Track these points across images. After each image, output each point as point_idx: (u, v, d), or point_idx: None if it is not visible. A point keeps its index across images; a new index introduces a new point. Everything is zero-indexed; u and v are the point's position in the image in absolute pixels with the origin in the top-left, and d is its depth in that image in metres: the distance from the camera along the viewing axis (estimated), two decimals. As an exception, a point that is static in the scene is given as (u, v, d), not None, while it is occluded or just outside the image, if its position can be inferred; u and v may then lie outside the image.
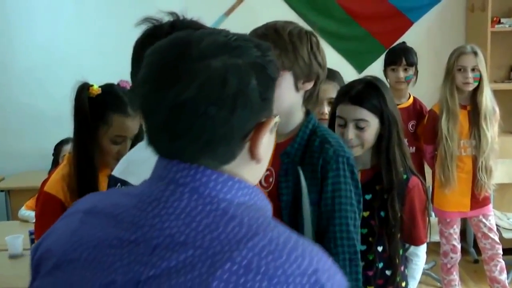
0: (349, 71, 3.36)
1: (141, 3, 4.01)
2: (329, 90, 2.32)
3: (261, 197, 0.90)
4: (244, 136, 0.85)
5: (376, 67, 3.52)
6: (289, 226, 0.86)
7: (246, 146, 0.86)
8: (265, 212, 0.88)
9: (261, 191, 0.90)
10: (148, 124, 0.87)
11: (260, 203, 0.88)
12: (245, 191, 0.86)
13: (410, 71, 3.44)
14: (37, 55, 4.41)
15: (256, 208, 0.86)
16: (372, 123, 1.97)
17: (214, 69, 0.81)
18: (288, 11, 3.60)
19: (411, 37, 3.76)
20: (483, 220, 3.40)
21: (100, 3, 4.38)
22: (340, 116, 2.00)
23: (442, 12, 4.44)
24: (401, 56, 3.43)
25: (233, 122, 0.82)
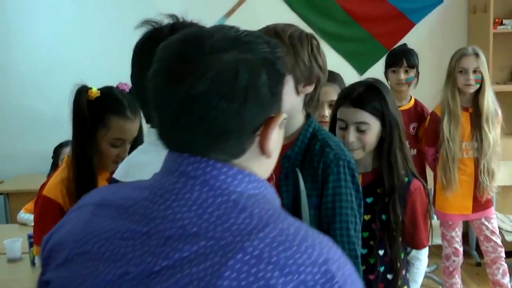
0: (350, 73, 3.35)
1: (141, 5, 4.01)
2: (330, 93, 2.31)
3: (270, 191, 0.91)
4: (255, 130, 0.86)
5: (378, 69, 3.52)
6: None
7: (256, 141, 0.87)
8: (274, 205, 0.89)
9: (270, 185, 0.91)
10: (159, 118, 0.87)
11: (270, 196, 0.89)
12: (255, 185, 0.87)
13: (411, 73, 3.43)
14: (37, 58, 4.40)
15: (266, 201, 0.87)
16: (374, 126, 1.96)
17: (226, 63, 0.82)
18: (289, 12, 3.60)
19: (413, 39, 3.77)
20: (485, 223, 3.38)
21: (100, 6, 4.37)
22: (341, 119, 1.99)
23: (444, 13, 4.44)
24: (402, 58, 3.41)
25: (244, 116, 0.83)
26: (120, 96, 1.98)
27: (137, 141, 1.99)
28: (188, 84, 0.82)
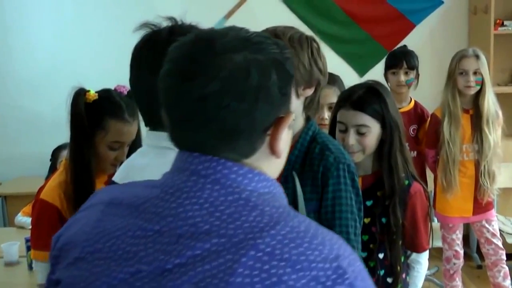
0: (351, 75, 3.34)
1: (141, 7, 4.01)
2: (330, 95, 2.31)
3: (279, 190, 0.92)
4: (265, 130, 0.87)
5: (378, 70, 3.50)
6: None
7: (266, 141, 0.88)
8: (283, 203, 0.90)
9: (279, 184, 0.92)
10: (170, 117, 0.89)
11: (279, 195, 0.91)
12: (265, 183, 0.88)
13: (411, 75, 3.41)
14: (35, 60, 4.39)
15: (275, 199, 0.88)
16: (374, 129, 1.95)
17: (237, 63, 0.84)
18: (289, 14, 3.59)
19: (413, 40, 3.75)
20: (486, 225, 3.37)
21: (99, 8, 4.36)
22: (341, 122, 1.99)
23: (445, 15, 4.42)
24: (402, 60, 3.40)
25: (255, 115, 0.84)
26: (118, 99, 1.96)
27: (136, 144, 1.98)
28: (201, 84, 0.83)
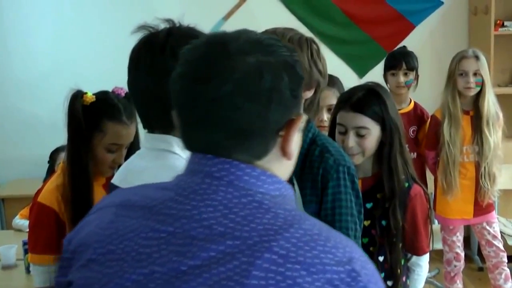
0: (350, 76, 3.32)
1: (140, 9, 4.00)
2: (329, 97, 2.30)
3: (290, 192, 0.92)
4: (278, 131, 0.88)
5: (377, 72, 3.49)
6: None
7: (278, 142, 0.89)
8: (294, 206, 0.91)
9: (290, 186, 0.93)
10: (183, 119, 0.90)
11: (290, 198, 0.92)
12: (277, 186, 0.89)
13: (411, 76, 3.40)
14: (34, 62, 4.38)
15: (287, 202, 0.89)
16: (373, 131, 1.95)
17: (250, 65, 0.85)
18: (288, 15, 3.57)
19: (413, 41, 3.73)
20: (487, 227, 3.35)
21: (98, 10, 4.36)
22: (341, 124, 1.98)
23: (445, 15, 4.40)
24: (401, 61, 3.39)
25: (269, 117, 0.86)
26: (116, 101, 1.95)
27: (134, 146, 1.97)
28: (215, 86, 0.84)
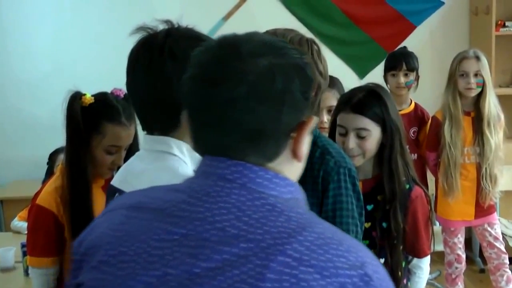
0: (351, 77, 3.31)
1: (139, 9, 4.00)
2: (329, 98, 2.29)
3: (302, 195, 0.92)
4: (289, 133, 0.89)
5: (378, 72, 3.48)
6: None
7: (289, 144, 0.89)
8: (306, 209, 0.91)
9: (301, 189, 0.93)
10: (195, 121, 0.89)
11: (301, 200, 0.92)
12: (289, 188, 0.89)
13: (411, 76, 3.39)
14: (33, 63, 4.38)
15: (299, 205, 0.89)
16: (374, 132, 1.94)
17: (263, 68, 0.85)
18: (288, 16, 3.55)
19: (414, 41, 3.71)
20: (488, 229, 3.34)
21: (98, 11, 4.36)
22: (341, 125, 1.97)
23: (445, 16, 4.39)
24: (401, 61, 3.38)
25: (281, 119, 0.86)
26: (115, 102, 1.94)
27: (133, 148, 1.96)
28: (228, 88, 0.84)
